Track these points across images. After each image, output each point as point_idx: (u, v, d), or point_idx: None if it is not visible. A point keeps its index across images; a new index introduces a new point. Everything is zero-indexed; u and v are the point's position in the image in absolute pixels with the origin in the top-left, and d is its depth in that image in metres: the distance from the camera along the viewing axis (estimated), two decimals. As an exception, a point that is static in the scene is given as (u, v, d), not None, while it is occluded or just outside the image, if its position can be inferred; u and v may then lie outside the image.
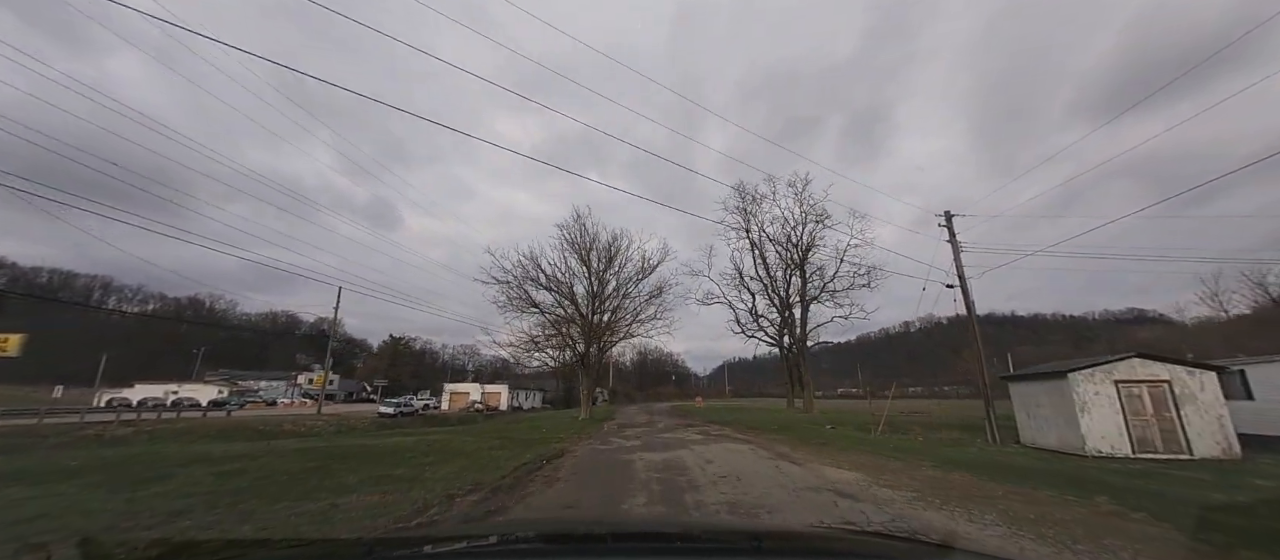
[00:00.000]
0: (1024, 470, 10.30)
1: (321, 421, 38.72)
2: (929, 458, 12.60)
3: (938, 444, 18.19)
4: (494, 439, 15.98)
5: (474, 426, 29.42)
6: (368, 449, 12.94)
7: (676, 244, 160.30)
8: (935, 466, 10.70)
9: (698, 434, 18.20)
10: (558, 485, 8.30)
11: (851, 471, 9.75)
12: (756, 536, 1.72)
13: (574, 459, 11.64)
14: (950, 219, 23.77)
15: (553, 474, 9.24)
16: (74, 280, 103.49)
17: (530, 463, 10.41)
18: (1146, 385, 16.59)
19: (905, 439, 20.39)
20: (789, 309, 38.44)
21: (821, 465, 10.57)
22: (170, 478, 8.46)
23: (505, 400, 58.80)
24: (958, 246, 23.38)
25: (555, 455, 12.02)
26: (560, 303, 27.84)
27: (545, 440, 15.34)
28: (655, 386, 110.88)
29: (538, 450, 12.76)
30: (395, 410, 44.43)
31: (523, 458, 11.14)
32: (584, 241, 28.71)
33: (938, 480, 9.11)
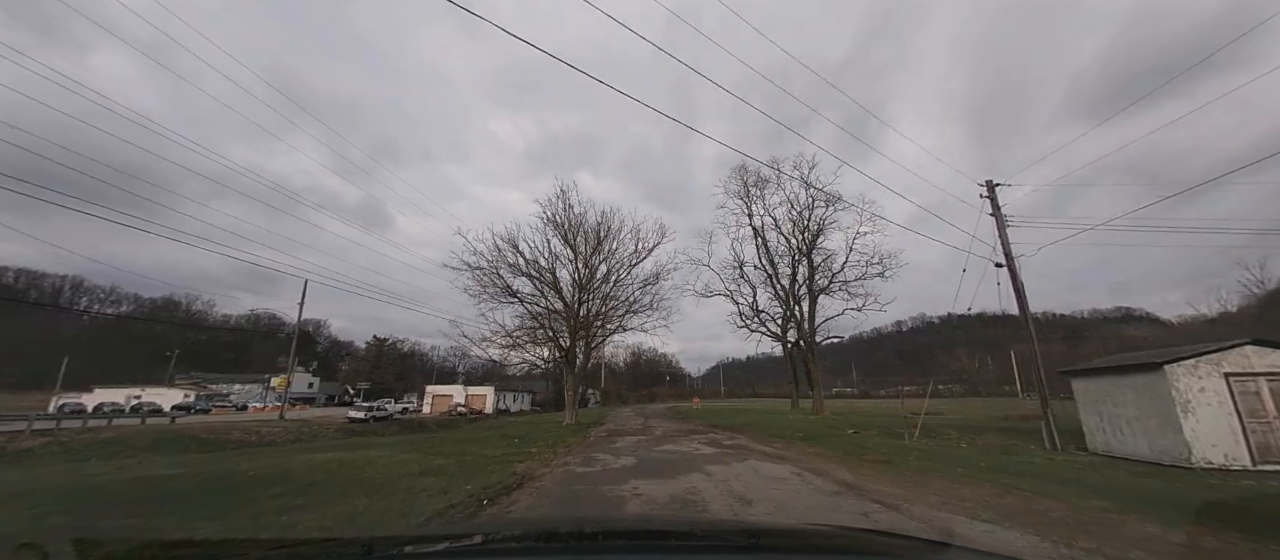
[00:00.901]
0: (1168, 499, 6.75)
1: (279, 430, 34.40)
2: (1041, 481, 8.88)
3: (996, 454, 14.63)
4: (443, 455, 12.04)
5: (437, 436, 25.40)
6: (233, 479, 8.86)
7: (672, 245, 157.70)
8: (1095, 497, 6.99)
9: (706, 443, 14.39)
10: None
11: (1010, 528, 5.84)
12: (753, 533, 1.72)
13: (536, 492, 7.75)
14: (993, 189, 20.20)
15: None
16: (42, 281, 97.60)
17: (463, 505, 6.52)
18: (1266, 378, 13.19)
19: (946, 445, 16.85)
20: (796, 302, 34.78)
21: (928, 507, 6.74)
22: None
23: (491, 403, 54.59)
24: (1002, 219, 19.81)
25: (512, 486, 8.11)
26: (541, 292, 23.76)
27: (509, 458, 11.45)
28: (649, 387, 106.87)
29: (491, 476, 8.86)
30: (366, 415, 40.14)
31: (458, 493, 7.24)
32: (569, 222, 24.30)
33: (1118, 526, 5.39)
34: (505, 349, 22.03)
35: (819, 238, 33.67)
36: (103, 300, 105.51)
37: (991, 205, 20.05)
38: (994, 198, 20.02)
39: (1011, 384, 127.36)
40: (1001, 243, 19.59)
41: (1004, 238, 19.57)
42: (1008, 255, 19.33)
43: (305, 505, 6.40)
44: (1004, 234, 19.61)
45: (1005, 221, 19.69)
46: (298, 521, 5.63)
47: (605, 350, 76.32)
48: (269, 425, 35.77)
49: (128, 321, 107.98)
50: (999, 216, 19.79)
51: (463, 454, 12.29)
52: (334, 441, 26.43)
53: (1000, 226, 19.70)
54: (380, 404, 45.45)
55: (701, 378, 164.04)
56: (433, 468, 9.76)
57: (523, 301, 22.52)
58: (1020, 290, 19.00)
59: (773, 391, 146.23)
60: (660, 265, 26.28)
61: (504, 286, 22.01)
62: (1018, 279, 19.10)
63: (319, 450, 16.14)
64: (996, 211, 19.85)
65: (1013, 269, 19.18)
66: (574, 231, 24.46)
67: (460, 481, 8.16)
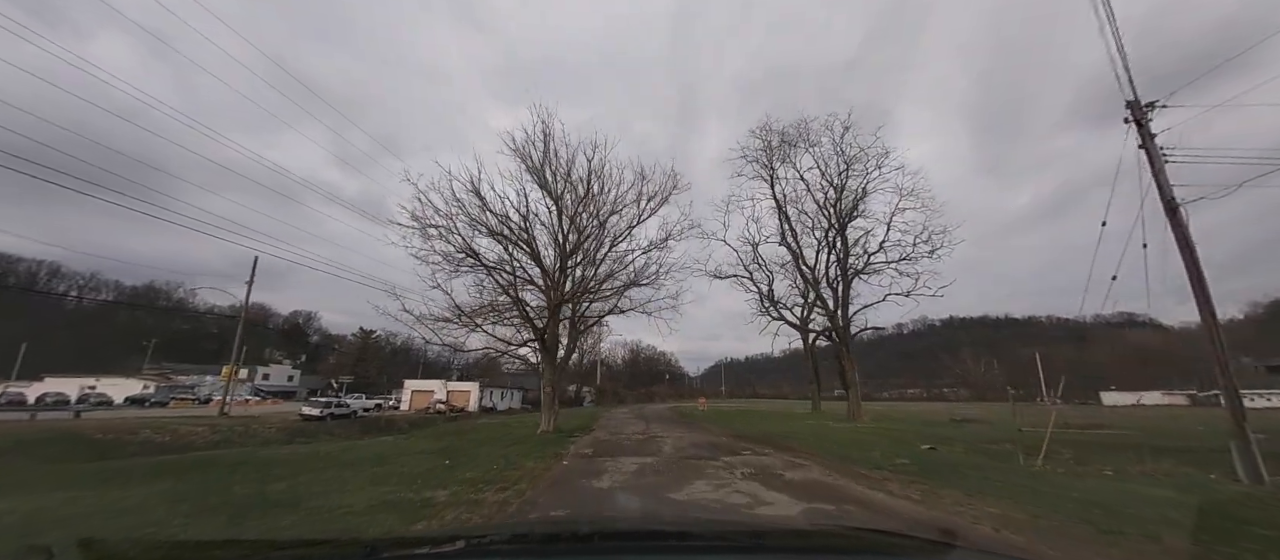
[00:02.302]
0: None
1: (206, 429, 28.17)
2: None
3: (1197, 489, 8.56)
4: (344, 486, 5.96)
5: (385, 442, 19.20)
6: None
7: (687, 199, 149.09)
8: None
9: (763, 481, 8.16)
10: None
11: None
12: (758, 533, 1.73)
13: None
14: (1143, 113, 14.06)
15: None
16: (18, 265, 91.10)
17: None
18: None
19: (1086, 472, 10.92)
20: (830, 285, 28.49)
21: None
22: None
23: (475, 400, 48.36)
24: (1156, 152, 13.69)
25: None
26: (510, 256, 17.03)
27: (421, 504, 5.35)
28: (648, 386, 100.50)
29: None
30: (321, 412, 33.85)
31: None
32: (551, 168, 17.52)
33: None
34: (460, 329, 15.88)
35: (857, 208, 27.46)
36: (83, 286, 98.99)
37: (1140, 136, 13.93)
38: (1144, 125, 13.89)
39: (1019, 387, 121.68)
40: (1158, 189, 13.45)
41: (1162, 181, 13.44)
42: (1170, 206, 13.19)
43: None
44: (1162, 175, 13.48)
45: (1161, 157, 13.58)
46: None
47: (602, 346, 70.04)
48: (203, 423, 29.62)
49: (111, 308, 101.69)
50: (1152, 151, 13.66)
51: (387, 474, 6.30)
52: (244, 449, 20.16)
53: (1155, 165, 13.57)
54: (339, 399, 39.05)
55: (701, 377, 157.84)
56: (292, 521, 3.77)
57: (490, 270, 16.00)
58: (1191, 251, 12.86)
59: (772, 392, 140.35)
60: (668, 225, 19.91)
61: (462, 246, 15.59)
62: (1187, 236, 12.97)
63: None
64: (1148, 143, 13.72)
65: (1178, 220, 13.05)
66: (558, 180, 17.55)
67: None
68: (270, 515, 5.86)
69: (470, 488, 7.36)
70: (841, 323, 27.38)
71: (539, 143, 16.95)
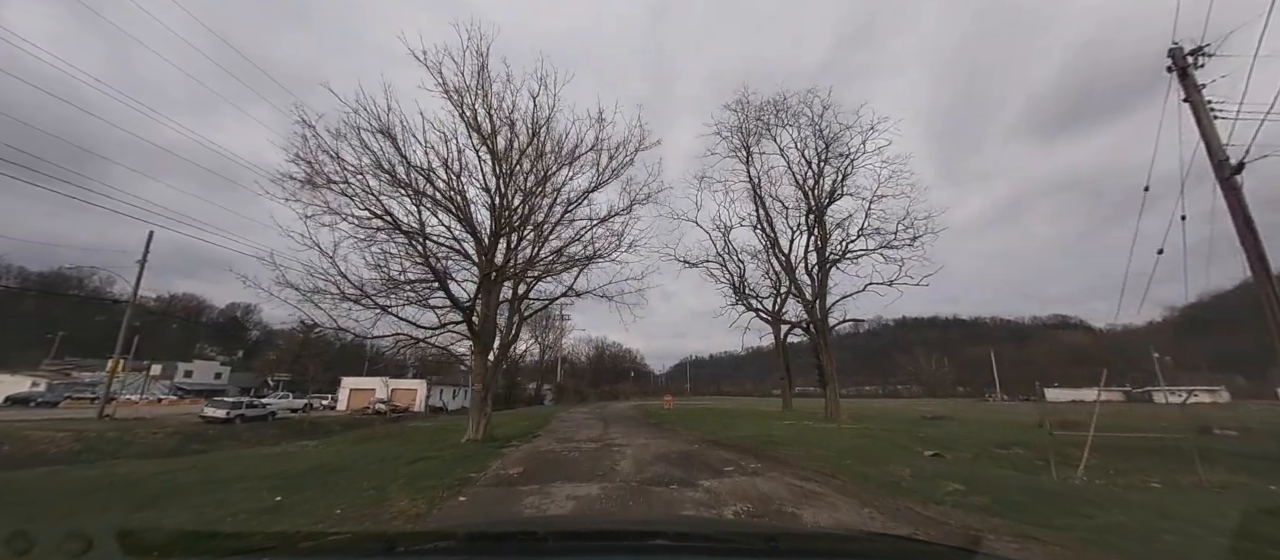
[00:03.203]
0: None
1: (70, 436, 23.31)
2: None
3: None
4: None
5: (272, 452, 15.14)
6: None
7: (656, 157, 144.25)
8: None
9: (752, 515, 5.10)
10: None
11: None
12: (771, 537, 1.64)
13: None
14: (1184, 62, 11.85)
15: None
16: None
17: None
18: None
19: (1130, 483, 8.59)
20: (807, 273, 25.95)
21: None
22: None
23: (422, 399, 43.61)
24: (1203, 105, 11.51)
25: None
26: (437, 219, 12.93)
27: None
28: (612, 384, 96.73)
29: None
30: (228, 413, 28.76)
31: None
32: (488, 107, 13.12)
33: None
34: (370, 312, 11.98)
35: (836, 191, 25.03)
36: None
37: (1183, 88, 11.73)
38: (1188, 75, 11.68)
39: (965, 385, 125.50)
40: (1207, 145, 11.28)
41: (1210, 136, 11.26)
42: (1219, 167, 11.00)
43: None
44: (1211, 130, 11.29)
45: (1208, 109, 11.40)
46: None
47: (565, 341, 66.02)
48: (71, 428, 24.31)
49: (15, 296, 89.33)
50: (1199, 104, 11.47)
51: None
52: (116, 462, 15.67)
53: (1203, 120, 11.38)
54: (252, 399, 33.80)
55: (666, 376, 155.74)
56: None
57: (409, 236, 11.92)
58: (1247, 219, 10.68)
59: (736, 390, 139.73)
60: (634, 189, 15.48)
61: (368, 205, 11.42)
62: (1242, 202, 10.80)
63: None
64: (1195, 95, 11.52)
65: (1228, 180, 10.88)
66: (493, 123, 13.03)
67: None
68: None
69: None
70: (819, 314, 24.86)
71: (472, 74, 13.16)
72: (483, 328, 13.02)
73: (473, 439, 12.44)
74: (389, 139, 12.03)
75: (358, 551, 1.51)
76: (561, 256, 14.91)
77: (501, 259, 13.54)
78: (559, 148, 13.84)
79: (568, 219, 14.99)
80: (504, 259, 14.31)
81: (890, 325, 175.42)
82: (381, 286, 11.73)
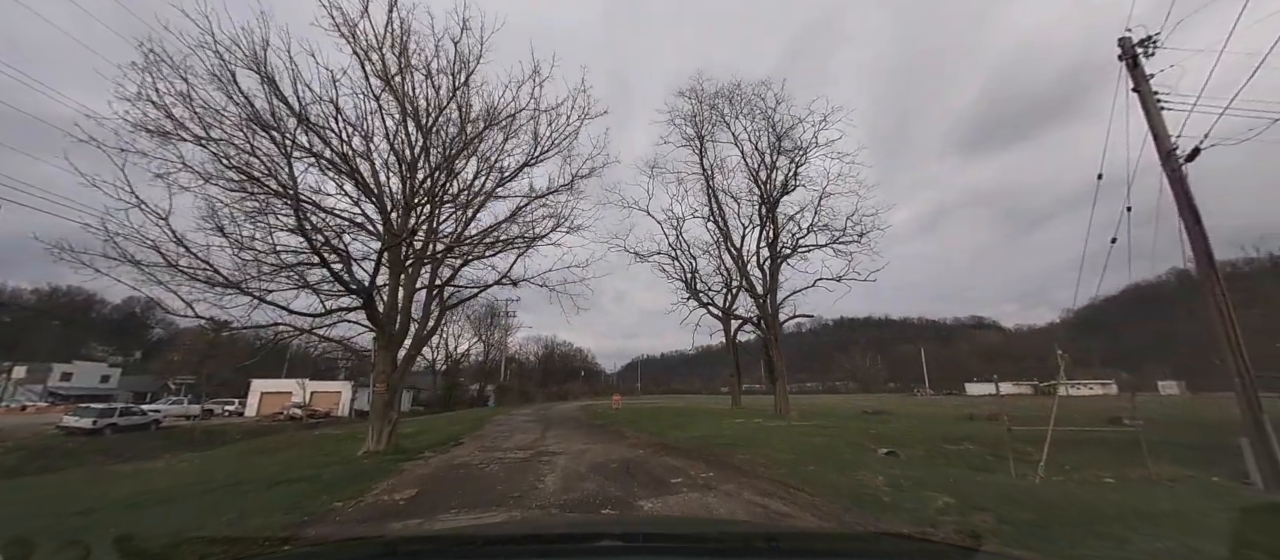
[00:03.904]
0: None
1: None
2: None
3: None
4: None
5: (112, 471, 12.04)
6: None
7: (606, 128, 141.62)
8: None
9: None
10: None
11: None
12: (773, 537, 1.61)
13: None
14: (1134, 52, 11.66)
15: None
16: None
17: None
18: None
19: (1084, 478, 8.01)
20: (759, 267, 25.16)
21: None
22: None
23: (346, 403, 39.31)
24: (1151, 95, 11.35)
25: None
26: (297, 158, 9.82)
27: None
28: (561, 383, 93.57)
29: None
30: (95, 422, 24.10)
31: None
32: (400, 54, 10.71)
33: None
34: (243, 296, 9.26)
35: (788, 185, 24.39)
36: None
37: (1133, 79, 11.52)
38: (1136, 66, 11.49)
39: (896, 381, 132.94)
40: (1153, 135, 11.08)
41: (1157, 127, 11.07)
42: (1167, 157, 10.81)
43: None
44: (1158, 120, 11.11)
45: (1156, 101, 11.23)
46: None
47: (512, 340, 62.68)
48: None
49: None
50: (1147, 94, 11.27)
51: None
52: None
53: (1150, 111, 11.20)
54: (125, 405, 28.86)
55: (617, 375, 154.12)
56: None
57: (296, 203, 9.08)
58: (1192, 210, 10.50)
59: (686, 388, 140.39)
60: (577, 162, 13.36)
61: (234, 163, 8.98)
62: (1187, 192, 10.64)
63: None
64: (1143, 85, 11.32)
65: (1176, 177, 10.70)
66: (404, 66, 10.46)
67: None
68: None
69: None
70: (770, 309, 24.10)
71: (381, 11, 10.65)
72: (388, 317, 10.70)
73: (372, 451, 10.12)
74: (257, 70, 9.43)
75: (359, 554, 1.52)
76: (492, 237, 12.83)
77: (418, 236, 11.26)
78: (490, 109, 11.76)
79: (500, 194, 12.92)
80: (423, 241, 12.03)
81: (830, 325, 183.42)
82: (245, 262, 9.13)
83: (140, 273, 9.19)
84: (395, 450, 10.36)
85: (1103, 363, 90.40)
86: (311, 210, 10.52)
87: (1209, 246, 10.42)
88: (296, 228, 8.65)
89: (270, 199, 9.15)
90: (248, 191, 9.84)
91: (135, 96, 9.29)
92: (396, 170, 10.65)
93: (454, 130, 11.33)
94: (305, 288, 10.17)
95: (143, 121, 9.30)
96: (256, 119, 8.52)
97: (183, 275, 8.49)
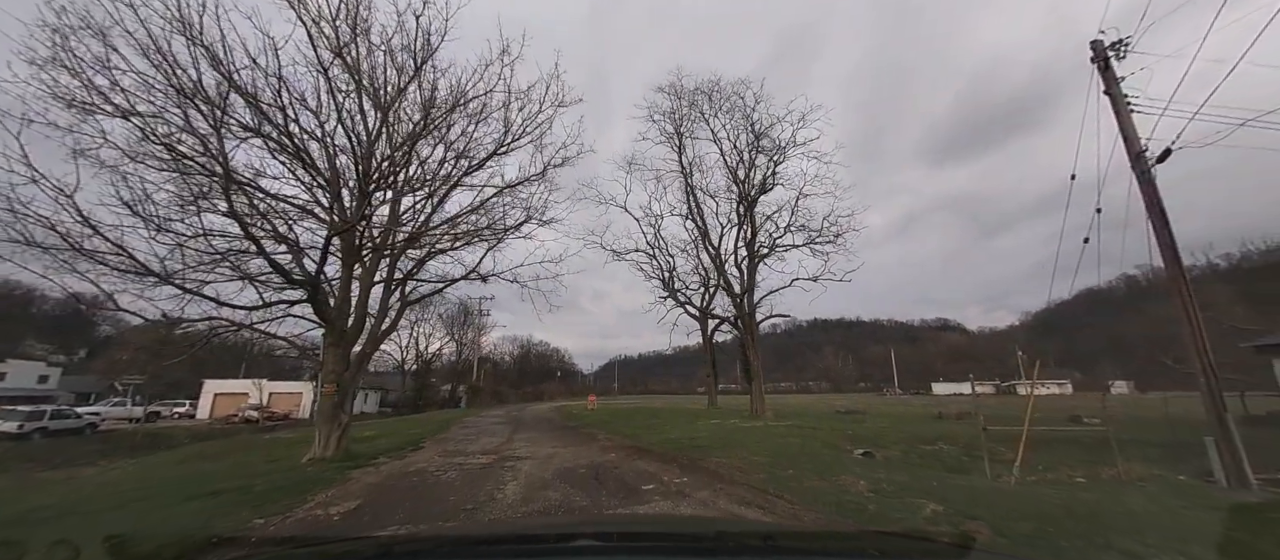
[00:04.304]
0: None
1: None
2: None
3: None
4: None
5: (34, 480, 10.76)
6: None
7: (579, 118, 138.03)
8: None
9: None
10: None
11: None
12: (769, 535, 1.64)
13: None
14: (1105, 55, 11.73)
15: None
16: None
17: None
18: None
19: (1057, 479, 7.90)
20: (737, 266, 24.91)
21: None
22: None
23: (308, 405, 37.38)
24: (1122, 97, 11.44)
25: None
26: (231, 133, 8.76)
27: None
28: (537, 384, 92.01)
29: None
30: (21, 425, 22.12)
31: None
32: (352, 20, 9.50)
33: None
34: (138, 277, 8.09)
35: (766, 184, 24.22)
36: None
37: (1104, 81, 11.60)
38: (1108, 68, 11.56)
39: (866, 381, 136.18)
40: (1124, 137, 11.15)
41: (1127, 129, 11.15)
42: (1137, 159, 10.89)
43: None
44: (1128, 122, 11.20)
45: (1127, 103, 11.32)
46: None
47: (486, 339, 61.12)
48: None
49: None
50: (1117, 97, 11.35)
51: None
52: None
53: (1120, 113, 11.28)
54: (56, 408, 26.78)
55: (594, 375, 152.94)
56: None
57: (236, 185, 8.16)
58: (1160, 212, 10.59)
59: (664, 388, 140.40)
60: (549, 150, 12.58)
61: (161, 138, 7.88)
62: (1156, 195, 10.73)
63: None
64: (1114, 87, 11.40)
65: (1145, 177, 10.78)
66: (356, 34, 9.52)
67: None
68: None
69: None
70: (747, 309, 23.86)
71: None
72: (339, 311, 9.78)
73: (318, 457, 9.21)
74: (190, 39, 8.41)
75: (354, 555, 1.51)
76: (458, 228, 12.02)
77: (373, 225, 10.37)
78: (455, 87, 10.96)
79: (469, 183, 12.13)
80: (380, 230, 11.13)
81: (804, 326, 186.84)
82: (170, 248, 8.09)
83: (51, 258, 8.12)
84: (345, 456, 9.46)
85: (1058, 363, 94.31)
86: (254, 193, 9.55)
87: (1176, 248, 10.52)
88: (228, 210, 7.69)
89: (200, 179, 8.15)
90: (177, 170, 8.83)
91: (48, 61, 8.22)
92: (350, 152, 9.75)
93: (418, 113, 10.48)
94: (246, 279, 9.17)
95: (55, 89, 8.23)
96: (185, 89, 7.51)
97: (92, 262, 7.45)
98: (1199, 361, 9.95)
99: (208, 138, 7.69)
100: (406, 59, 10.12)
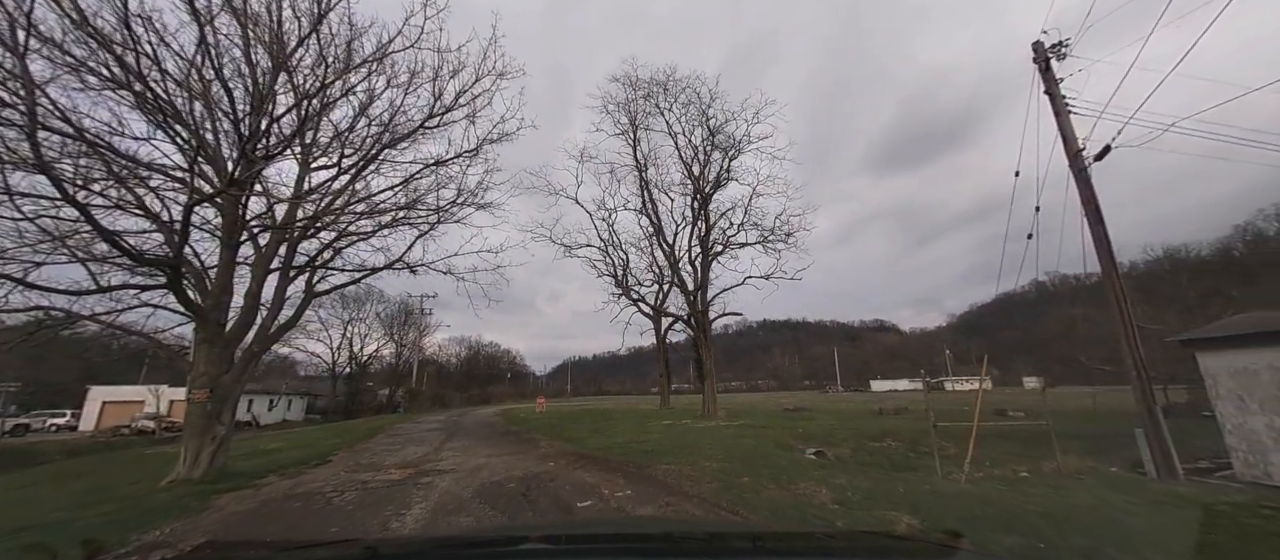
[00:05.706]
0: None
1: None
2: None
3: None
4: None
5: None
6: None
7: (523, 90, 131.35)
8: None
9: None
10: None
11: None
12: (756, 537, 1.61)
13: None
14: (1046, 56, 11.94)
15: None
16: None
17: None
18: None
19: (1003, 474, 7.67)
20: (691, 263, 24.32)
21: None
22: None
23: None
24: (1061, 98, 11.66)
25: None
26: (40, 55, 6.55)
27: None
28: (485, 386, 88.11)
29: None
30: None
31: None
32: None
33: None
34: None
35: (721, 180, 23.81)
36: None
37: (1045, 81, 11.79)
38: (1048, 70, 11.76)
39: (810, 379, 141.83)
40: (1062, 137, 11.35)
41: (1066, 129, 11.37)
42: (1074, 158, 11.10)
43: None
44: (1067, 123, 11.41)
45: (1065, 103, 11.54)
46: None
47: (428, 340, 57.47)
48: None
49: None
50: (1056, 96, 11.57)
51: None
52: None
53: (1059, 113, 11.48)
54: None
55: (547, 377, 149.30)
56: None
57: (33, 123, 5.63)
58: (1095, 209, 10.81)
59: (618, 389, 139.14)
60: (489, 128, 11.32)
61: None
62: (1092, 193, 10.96)
63: None
64: (1054, 88, 11.60)
65: (1082, 178, 11.00)
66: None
67: None
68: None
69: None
70: (700, 306, 23.30)
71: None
72: (215, 302, 7.96)
73: (181, 478, 7.41)
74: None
75: (340, 558, 1.50)
76: (378, 208, 10.41)
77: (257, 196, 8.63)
78: (380, 48, 9.37)
79: (392, 158, 10.56)
80: (283, 206, 9.36)
81: (753, 327, 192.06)
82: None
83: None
84: (217, 476, 7.70)
85: (977, 360, 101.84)
86: (106, 153, 7.58)
87: (1110, 245, 10.77)
88: (35, 162, 5.79)
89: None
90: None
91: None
92: (226, 108, 7.88)
93: (322, 66, 8.79)
94: (85, 261, 7.15)
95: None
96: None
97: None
98: (1130, 356, 10.16)
99: (10, 70, 5.80)
100: (308, 3, 8.50)
